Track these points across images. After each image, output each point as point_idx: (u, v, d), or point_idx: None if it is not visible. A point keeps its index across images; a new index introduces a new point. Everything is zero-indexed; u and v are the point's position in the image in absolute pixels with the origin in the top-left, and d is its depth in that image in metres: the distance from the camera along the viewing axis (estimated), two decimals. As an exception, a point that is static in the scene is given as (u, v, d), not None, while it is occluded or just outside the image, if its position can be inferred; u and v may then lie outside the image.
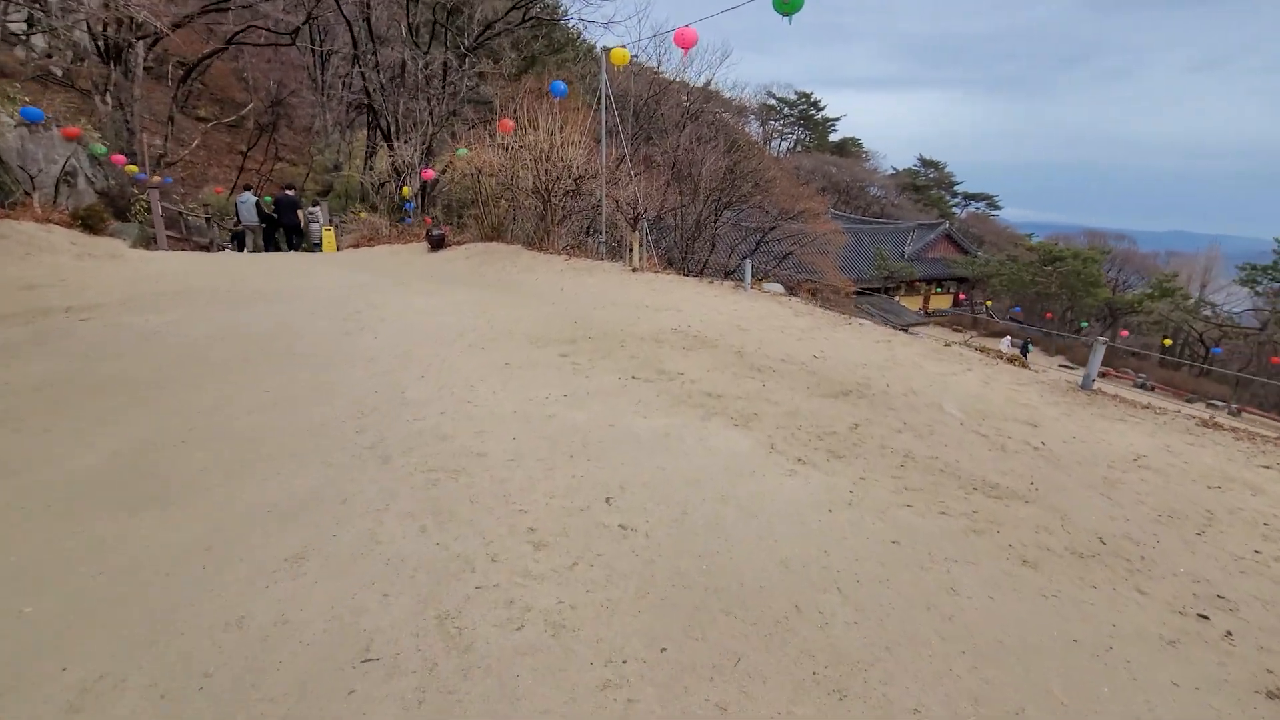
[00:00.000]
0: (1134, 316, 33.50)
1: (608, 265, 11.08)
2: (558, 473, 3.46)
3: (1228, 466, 3.74)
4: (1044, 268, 34.31)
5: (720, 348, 6.38)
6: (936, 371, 5.65)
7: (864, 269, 36.97)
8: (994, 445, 4.07)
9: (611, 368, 5.55)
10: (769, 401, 4.79)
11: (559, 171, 11.60)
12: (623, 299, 8.88)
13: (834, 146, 71.20)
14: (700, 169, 18.36)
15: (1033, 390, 5.13)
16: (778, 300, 8.54)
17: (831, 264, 26.92)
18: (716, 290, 9.33)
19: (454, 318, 7.49)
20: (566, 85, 13.71)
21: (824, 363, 5.90)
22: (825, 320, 7.56)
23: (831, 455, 3.85)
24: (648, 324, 7.38)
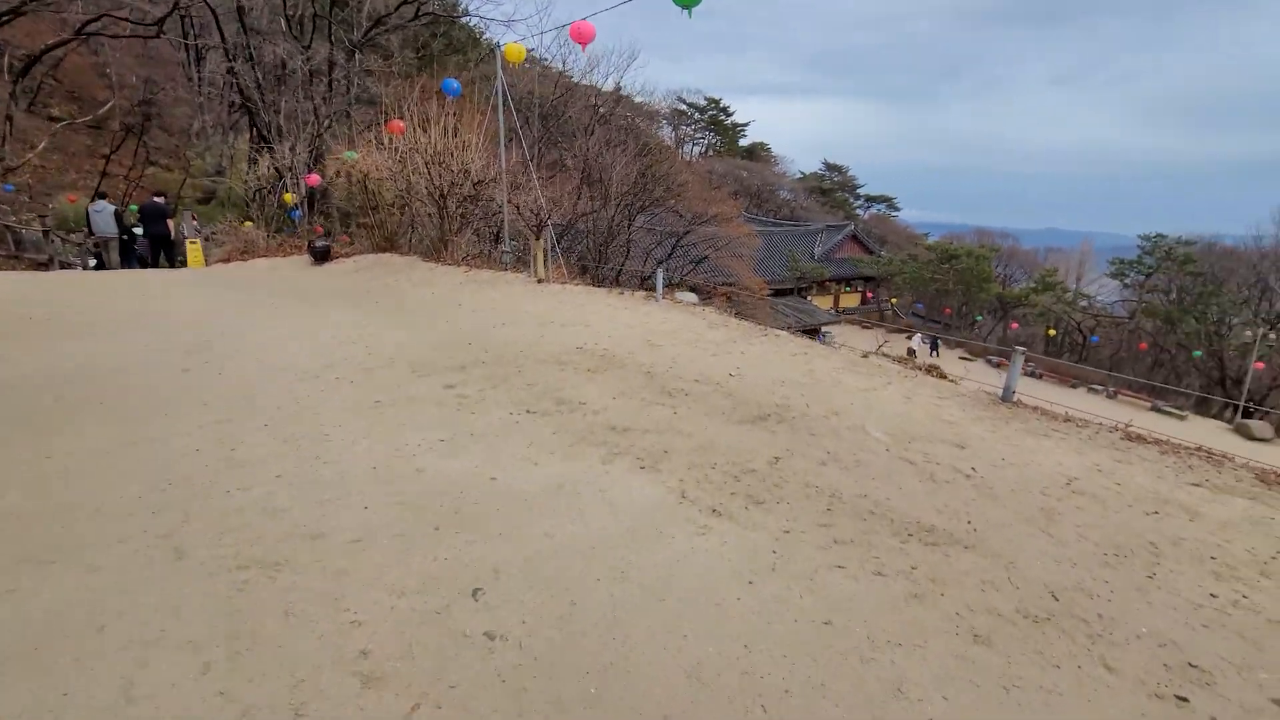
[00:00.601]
0: (1021, 309, 35.93)
1: (512, 277, 10.30)
2: (415, 555, 2.74)
3: (1159, 486, 3.52)
4: (941, 265, 36.20)
5: (629, 368, 5.81)
6: (857, 387, 5.30)
7: (777, 270, 37.76)
8: (924, 474, 3.69)
9: (504, 399, 4.84)
10: (681, 433, 4.24)
11: (455, 176, 10.71)
12: (526, 314, 8.15)
13: (744, 151, 72.91)
14: (611, 173, 17.84)
15: (955, 404, 4.86)
16: (691, 311, 8.09)
17: (746, 266, 27.13)
18: (628, 302, 8.77)
19: (325, 344, 6.52)
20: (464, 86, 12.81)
21: (740, 381, 5.44)
22: (741, 332, 7.15)
23: (750, 501, 3.33)
24: (551, 343, 6.71)
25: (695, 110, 73.88)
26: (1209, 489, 3.48)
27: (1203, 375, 30.76)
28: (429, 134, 10.96)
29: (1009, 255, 48.65)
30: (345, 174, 13.40)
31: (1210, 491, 3.45)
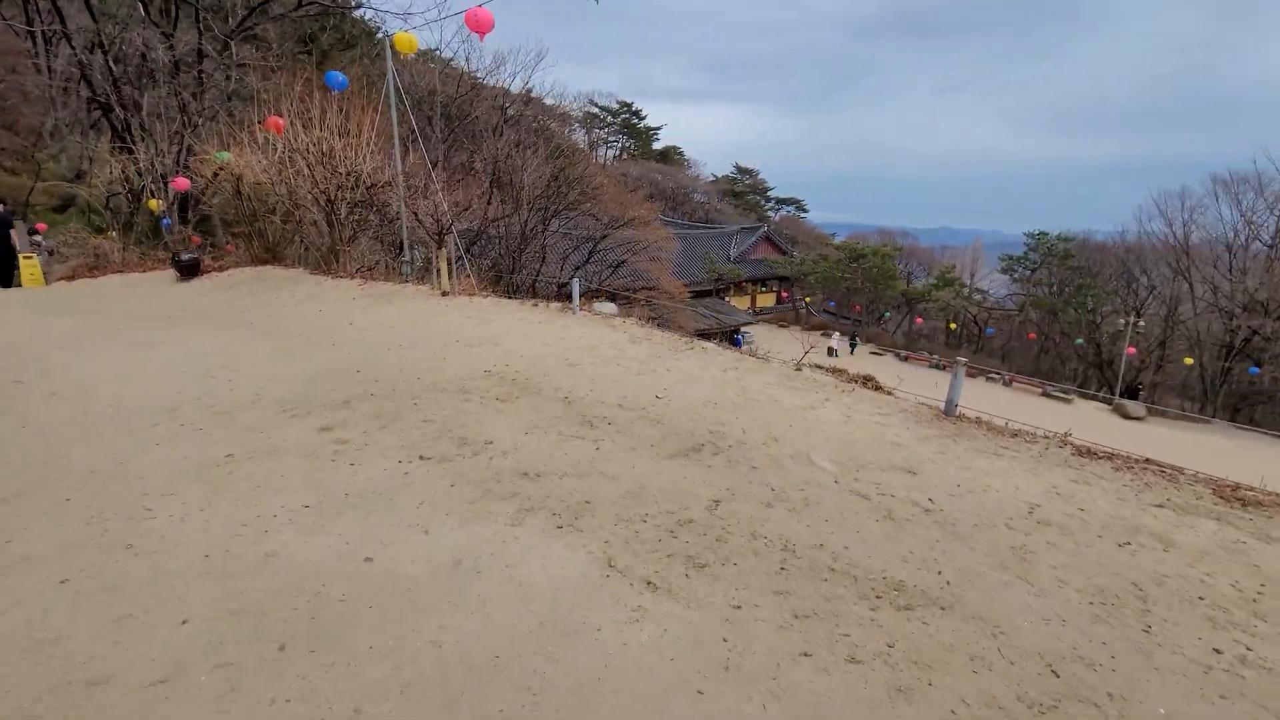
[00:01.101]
0: (924, 305, 37.86)
1: (413, 290, 9.34)
2: (243, 701, 1.98)
3: (1123, 510, 3.26)
4: (850, 265, 37.56)
5: (544, 394, 5.14)
6: (794, 405, 4.89)
7: (695, 273, 37.91)
8: (880, 511, 3.27)
9: (393, 443, 4.06)
10: (605, 476, 3.64)
11: (343, 179, 9.62)
12: (427, 333, 7.29)
13: (657, 154, 73.33)
14: (522, 176, 17.00)
15: (898, 422, 4.53)
16: (611, 324, 7.50)
17: (665, 270, 26.88)
18: (542, 314, 8.07)
19: (176, 379, 5.45)
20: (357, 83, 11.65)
21: (668, 405, 4.90)
22: (665, 346, 6.63)
23: (691, 565, 2.77)
24: (455, 366, 5.93)
25: (608, 113, 73.59)
26: (1173, 510, 3.25)
27: (1084, 360, 33.44)
28: (312, 132, 9.81)
29: (909, 253, 51.35)
30: (220, 177, 11.91)
31: (1175, 513, 3.22)
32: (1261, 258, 32.13)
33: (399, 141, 10.68)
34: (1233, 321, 30.70)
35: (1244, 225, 33.29)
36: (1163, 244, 34.76)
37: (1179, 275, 34.32)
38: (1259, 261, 32.09)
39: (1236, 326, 30.62)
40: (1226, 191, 33.18)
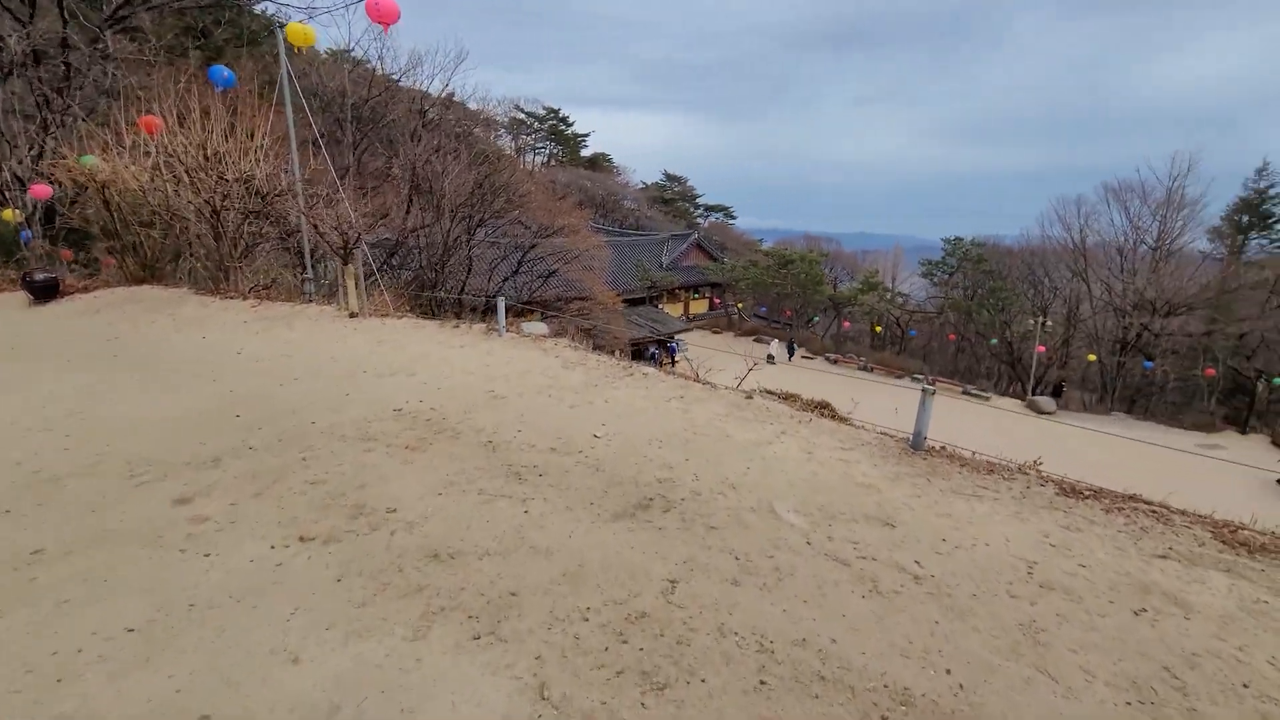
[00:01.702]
0: (850, 308, 38.93)
1: (317, 311, 8.32)
2: None
3: (1126, 565, 2.91)
4: (779, 270, 38.12)
5: (464, 437, 4.42)
6: (748, 440, 4.38)
7: (628, 281, 37.51)
8: (864, 582, 2.78)
9: (268, 518, 3.25)
10: (535, 551, 2.99)
11: (229, 186, 8.48)
12: (329, 363, 6.38)
13: (586, 161, 72.73)
14: (443, 182, 15.99)
15: (863, 458, 4.09)
16: (542, 347, 6.82)
17: (598, 279, 26.29)
18: (465, 337, 7.28)
19: None
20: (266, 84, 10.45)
21: (609, 445, 4.29)
22: (602, 371, 6.02)
23: (648, 687, 2.17)
24: (361, 403, 5.10)
25: (534, 119, 72.32)
26: (1178, 560, 2.92)
27: (998, 359, 35.20)
28: (192, 134, 8.62)
29: (834, 258, 52.90)
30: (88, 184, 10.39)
31: (1181, 564, 2.89)
32: (1148, 259, 34.82)
33: (298, 145, 9.61)
34: (1125, 319, 33.07)
35: (1131, 230, 36.08)
36: (1063, 247, 37.19)
37: (1077, 276, 36.79)
38: (1146, 263, 34.76)
39: (1129, 324, 32.99)
40: (1116, 199, 35.89)
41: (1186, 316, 28.68)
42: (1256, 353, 27.93)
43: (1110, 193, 35.61)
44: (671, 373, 6.29)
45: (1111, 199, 35.65)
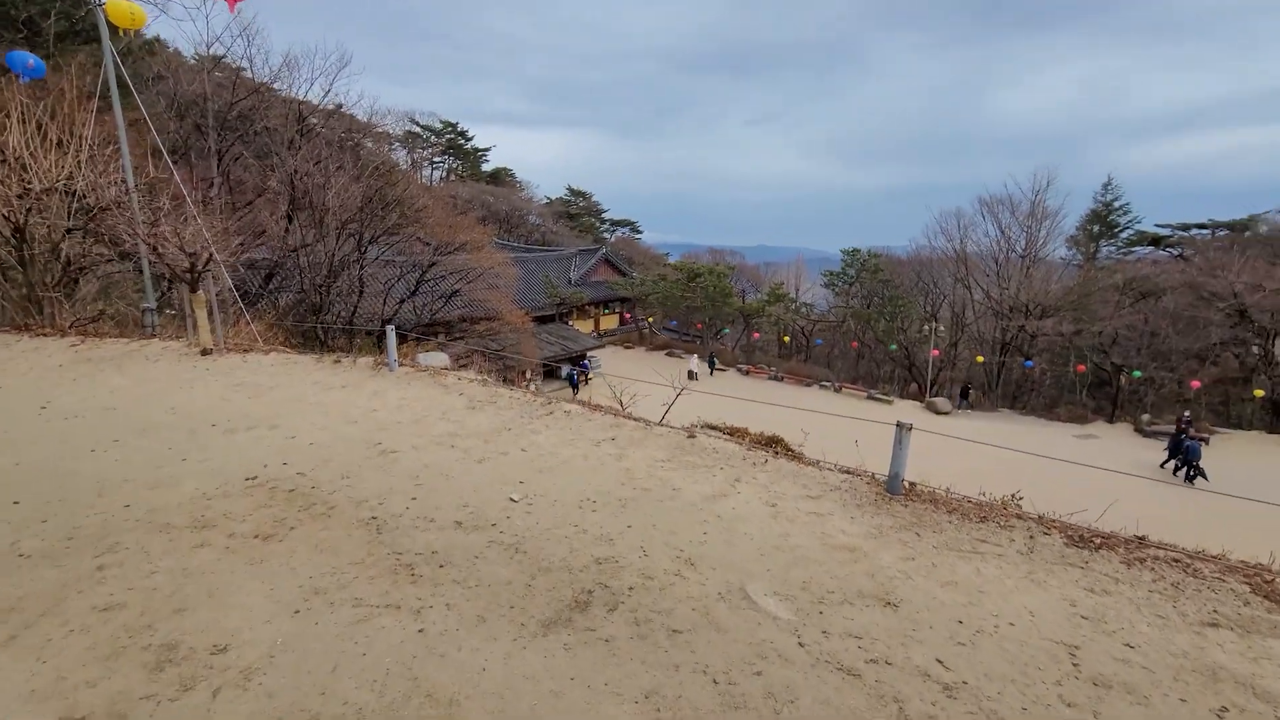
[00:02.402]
0: (758, 319, 39.70)
1: (160, 349, 6.83)
2: None
3: (1179, 641, 2.42)
4: (689, 284, 38.29)
5: (339, 514, 3.41)
6: (699, 494, 3.65)
7: (536, 298, 36.37)
8: (887, 703, 2.09)
9: (18, 686, 2.14)
10: (433, 703, 2.09)
11: (35, 200, 6.84)
12: (170, 415, 5.07)
13: (488, 176, 70.76)
14: (326, 195, 14.39)
15: (836, 507, 3.47)
16: (443, 383, 5.81)
17: (505, 297, 25.04)
18: (347, 374, 6.12)
19: None
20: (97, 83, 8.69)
21: (530, 513, 3.43)
22: (517, 412, 5.11)
23: None
24: (201, 472, 3.93)
25: (431, 133, 69.56)
26: (1231, 629, 2.46)
27: (897, 364, 36.97)
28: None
29: (739, 271, 54.12)
30: None
31: (1237, 635, 2.43)
32: (1019, 266, 37.90)
33: (145, 154, 8.04)
34: (1003, 321, 35.71)
35: (1003, 239, 39.17)
36: (947, 257, 39.82)
37: (960, 283, 39.50)
38: (1018, 269, 37.81)
39: (1007, 326, 35.66)
40: (989, 211, 38.86)
41: (1057, 318, 31.28)
42: (1115, 349, 30.89)
43: (984, 206, 38.54)
44: (592, 405, 5.48)
45: (986, 211, 38.60)
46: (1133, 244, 45.24)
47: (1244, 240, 41.32)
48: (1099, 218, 42.51)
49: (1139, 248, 45.90)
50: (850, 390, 33.38)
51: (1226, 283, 29.18)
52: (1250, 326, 30.08)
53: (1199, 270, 30.90)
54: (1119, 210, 42.17)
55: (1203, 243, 45.74)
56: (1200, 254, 33.43)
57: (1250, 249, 34.09)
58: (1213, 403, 29.75)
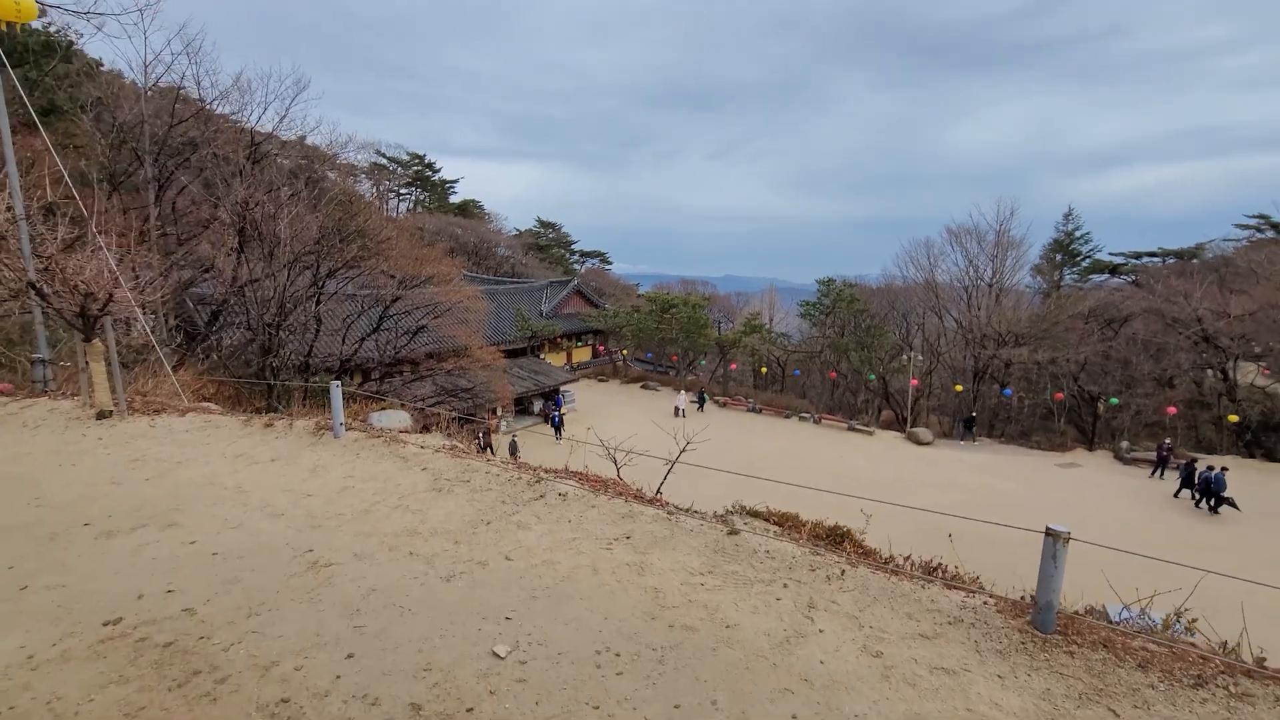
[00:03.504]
0: (734, 350, 39.07)
1: (48, 409, 5.51)
2: None
3: None
4: (663, 315, 37.53)
5: (229, 689, 2.24)
6: (764, 636, 2.58)
7: (507, 331, 35.13)
8: None
9: None
10: None
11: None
12: (31, 508, 3.79)
13: (456, 208, 69.74)
14: (278, 225, 13.12)
15: (966, 655, 2.43)
16: (400, 453, 4.63)
17: (474, 332, 23.78)
18: (280, 442, 4.90)
19: None
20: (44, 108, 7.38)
21: (523, 688, 2.30)
22: (497, 495, 3.97)
23: None
24: (39, 606, 2.70)
25: (397, 164, 68.39)
26: None
27: (874, 394, 36.57)
28: None
29: (712, 301, 53.75)
30: None
31: None
32: (989, 294, 38.20)
33: (54, 183, 6.77)
34: (975, 350, 35.73)
35: (971, 268, 39.53)
36: (919, 286, 39.97)
37: (931, 312, 39.62)
38: (986, 297, 38.09)
39: (978, 354, 35.67)
40: (957, 241, 39.26)
41: (1033, 345, 31.31)
42: (1087, 376, 31.00)
43: (953, 235, 38.92)
44: (591, 478, 4.36)
45: (954, 241, 38.97)
46: (1090, 272, 46.35)
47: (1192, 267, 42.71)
48: (1061, 246, 43.42)
49: (1096, 275, 47.07)
50: (830, 421, 32.72)
51: (1190, 309, 29.63)
52: (1214, 352, 30.56)
53: (1161, 298, 31.36)
54: (1080, 239, 43.16)
55: (1155, 270, 47.20)
56: (1162, 281, 34.05)
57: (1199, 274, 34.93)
58: (1180, 428, 29.89)
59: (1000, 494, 21.78)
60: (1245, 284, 31.49)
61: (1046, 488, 22.92)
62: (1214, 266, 38.96)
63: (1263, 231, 48.90)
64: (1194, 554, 17.03)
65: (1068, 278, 43.86)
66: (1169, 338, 30.38)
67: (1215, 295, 30.33)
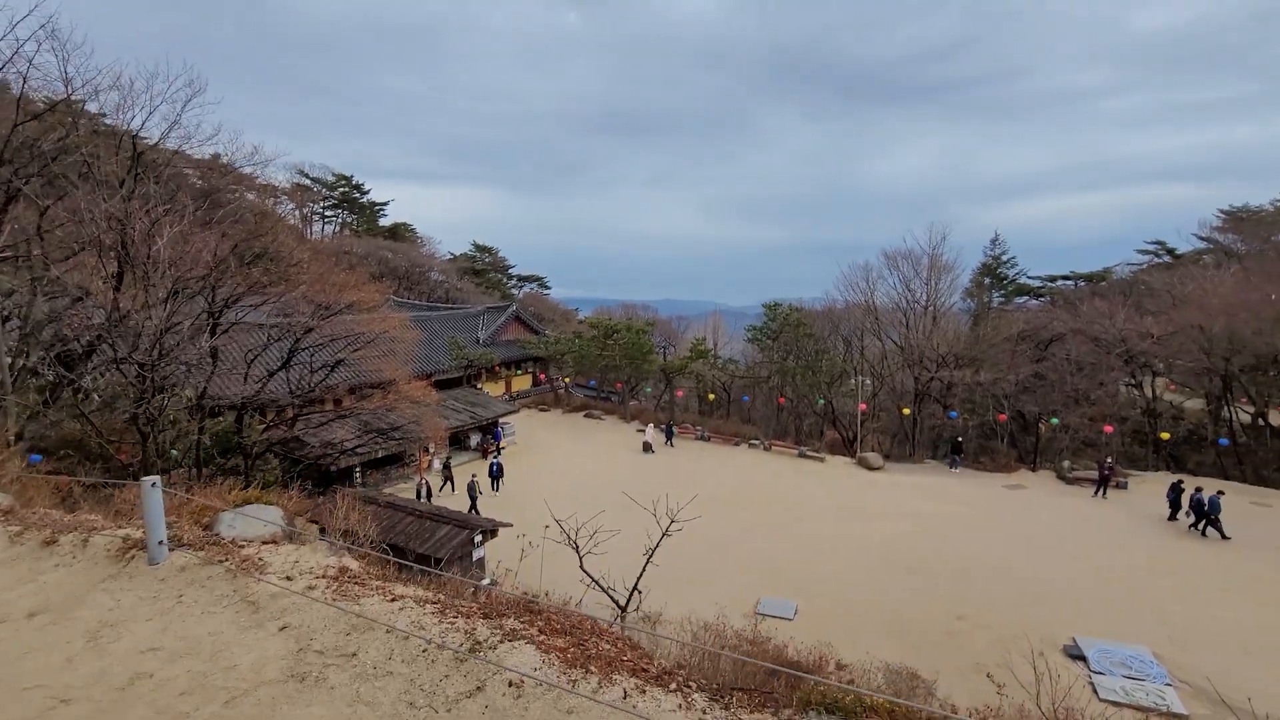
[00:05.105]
0: (681, 378, 38.07)
1: None
2: None
3: None
4: (606, 341, 36.15)
5: None
6: None
7: (440, 360, 32.83)
8: None
9: None
10: None
11: None
12: None
13: (386, 231, 66.59)
14: (156, 245, 10.97)
15: None
16: (249, 594, 2.94)
17: (403, 363, 21.64)
18: (55, 576, 3.15)
19: None
20: None
21: None
22: (398, 691, 2.39)
23: None
24: None
25: (322, 185, 64.78)
26: None
27: (822, 419, 36.21)
28: None
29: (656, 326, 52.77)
30: None
31: None
32: (924, 316, 38.84)
33: None
34: (916, 372, 36.05)
35: (906, 291, 40.18)
36: (859, 309, 40.30)
37: (870, 334, 39.96)
38: (922, 319, 38.71)
39: (918, 376, 36.00)
40: (893, 265, 39.86)
41: (974, 367, 31.73)
42: (1027, 396, 31.63)
43: (889, 259, 39.50)
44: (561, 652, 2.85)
45: (890, 265, 39.54)
46: (1015, 294, 48.38)
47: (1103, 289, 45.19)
48: (989, 270, 45.03)
49: (1020, 298, 49.19)
50: (780, 448, 31.98)
51: (1114, 330, 30.79)
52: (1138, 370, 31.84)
53: (1087, 319, 32.49)
54: (1007, 263, 44.89)
55: (1069, 292, 49.82)
56: (1086, 302, 35.40)
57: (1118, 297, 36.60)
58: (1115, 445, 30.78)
59: (960, 521, 21.37)
60: (1159, 304, 33.19)
61: (999, 511, 22.69)
62: (1123, 289, 41.21)
63: (1160, 256, 52.64)
64: (1170, 580, 16.86)
65: (996, 300, 45.45)
66: (1096, 357, 31.44)
67: (1134, 316, 31.70)
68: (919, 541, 19.41)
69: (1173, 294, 32.47)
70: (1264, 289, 27.31)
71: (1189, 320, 28.25)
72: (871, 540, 19.46)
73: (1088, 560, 17.95)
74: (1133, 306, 33.12)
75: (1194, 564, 17.61)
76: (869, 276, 40.32)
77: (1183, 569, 17.27)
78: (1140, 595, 15.78)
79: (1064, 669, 12.12)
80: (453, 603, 2.79)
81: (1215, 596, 15.64)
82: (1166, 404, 32.99)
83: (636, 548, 6.79)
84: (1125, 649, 13.34)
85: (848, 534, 20.21)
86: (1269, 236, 40.24)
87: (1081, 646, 13.42)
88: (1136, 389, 32.55)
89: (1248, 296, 27.38)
